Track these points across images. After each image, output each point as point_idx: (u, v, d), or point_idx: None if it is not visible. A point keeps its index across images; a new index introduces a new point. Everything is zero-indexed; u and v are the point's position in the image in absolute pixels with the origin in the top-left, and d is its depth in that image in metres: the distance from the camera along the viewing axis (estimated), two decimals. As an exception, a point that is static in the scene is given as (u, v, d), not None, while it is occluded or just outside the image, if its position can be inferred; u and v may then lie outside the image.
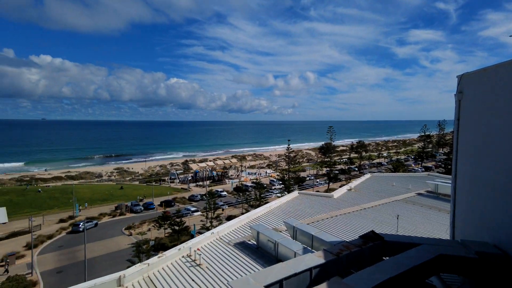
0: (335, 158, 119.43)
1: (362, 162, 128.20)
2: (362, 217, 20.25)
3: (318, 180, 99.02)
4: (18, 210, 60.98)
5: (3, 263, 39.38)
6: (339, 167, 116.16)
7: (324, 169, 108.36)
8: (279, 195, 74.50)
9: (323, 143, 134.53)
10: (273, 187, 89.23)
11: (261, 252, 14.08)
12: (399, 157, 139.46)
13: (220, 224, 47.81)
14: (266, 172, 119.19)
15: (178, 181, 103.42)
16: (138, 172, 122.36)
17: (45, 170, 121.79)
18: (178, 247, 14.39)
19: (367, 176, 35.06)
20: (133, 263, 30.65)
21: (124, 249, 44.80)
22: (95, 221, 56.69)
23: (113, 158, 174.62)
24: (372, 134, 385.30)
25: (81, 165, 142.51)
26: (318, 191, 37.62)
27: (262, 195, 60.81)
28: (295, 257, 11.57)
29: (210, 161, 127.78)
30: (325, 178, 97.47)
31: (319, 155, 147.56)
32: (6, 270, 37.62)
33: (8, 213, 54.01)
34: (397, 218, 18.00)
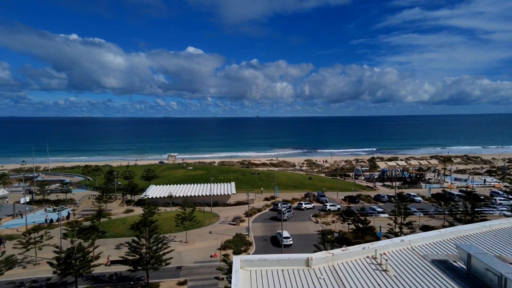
0: None
1: None
2: None
3: None
4: (241, 185, 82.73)
5: (234, 222, 55.28)
6: None
7: None
8: (508, 213, 54.50)
9: None
10: (496, 202, 66.09)
11: (475, 282, 10.91)
12: None
13: (412, 232, 41.71)
14: (484, 180, 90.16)
15: (363, 178, 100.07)
16: (324, 165, 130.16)
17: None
18: (362, 245, 14.02)
19: None
20: (319, 249, 33.20)
21: (311, 234, 49.42)
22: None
23: (304, 150, 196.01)
24: None
25: (280, 153, 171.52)
26: None
27: (476, 209, 46.70)
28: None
29: (401, 160, 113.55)
30: None
31: None
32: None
33: (236, 187, 74.90)
34: None
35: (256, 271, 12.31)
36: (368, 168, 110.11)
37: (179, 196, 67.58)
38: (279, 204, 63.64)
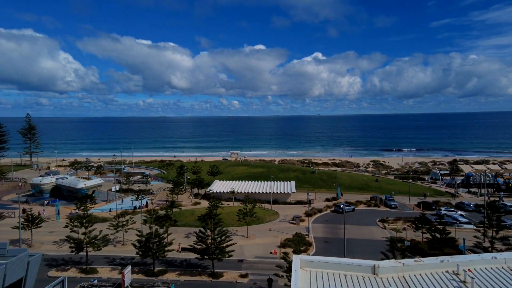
0: None
1: None
2: None
3: None
4: (301, 184, 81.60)
5: (294, 221, 55.00)
6: None
7: None
8: None
9: None
10: None
11: None
12: None
13: (509, 249, 34.99)
14: None
15: (441, 182, 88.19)
16: (393, 167, 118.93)
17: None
18: (440, 258, 12.42)
19: None
20: (387, 257, 30.58)
21: (378, 240, 45.81)
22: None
23: (370, 150, 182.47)
24: None
25: (342, 153, 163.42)
26: None
27: None
28: None
29: (492, 163, 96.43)
30: None
31: None
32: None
33: (296, 186, 74.22)
34: None
35: (316, 272, 12.01)
36: (448, 172, 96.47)
37: (241, 192, 70.28)
38: (342, 205, 60.75)
